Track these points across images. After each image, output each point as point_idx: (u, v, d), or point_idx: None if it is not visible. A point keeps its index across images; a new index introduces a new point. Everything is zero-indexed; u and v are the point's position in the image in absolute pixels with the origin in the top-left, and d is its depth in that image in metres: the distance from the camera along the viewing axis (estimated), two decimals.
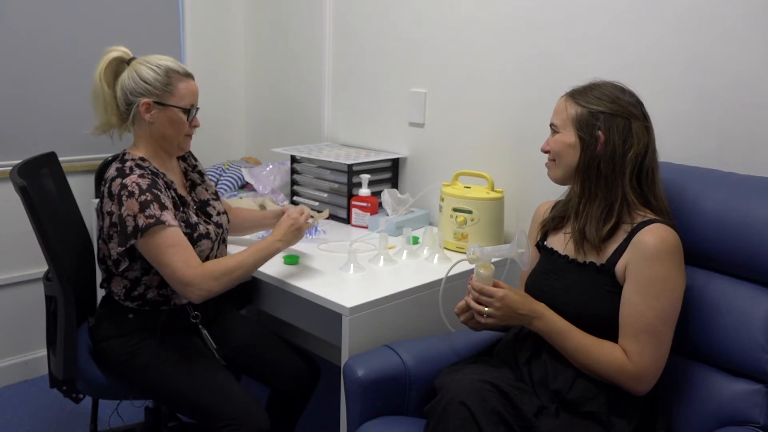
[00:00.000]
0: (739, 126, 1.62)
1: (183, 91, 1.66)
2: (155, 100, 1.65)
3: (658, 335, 1.33)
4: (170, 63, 1.67)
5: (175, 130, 1.68)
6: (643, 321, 1.32)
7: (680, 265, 1.35)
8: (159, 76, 1.64)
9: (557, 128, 1.46)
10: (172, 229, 1.56)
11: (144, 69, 1.65)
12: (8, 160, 2.35)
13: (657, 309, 1.32)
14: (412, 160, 2.44)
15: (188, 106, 1.68)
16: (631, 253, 1.36)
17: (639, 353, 1.33)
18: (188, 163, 1.85)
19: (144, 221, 1.53)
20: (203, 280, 1.57)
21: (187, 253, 1.57)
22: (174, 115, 1.67)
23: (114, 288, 1.69)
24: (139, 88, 1.64)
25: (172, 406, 1.81)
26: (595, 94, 1.41)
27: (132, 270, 1.66)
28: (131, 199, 1.54)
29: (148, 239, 1.55)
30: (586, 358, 1.36)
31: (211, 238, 1.69)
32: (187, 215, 1.67)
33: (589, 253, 1.43)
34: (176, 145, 1.71)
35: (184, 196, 1.73)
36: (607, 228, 1.39)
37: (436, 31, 2.27)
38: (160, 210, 1.55)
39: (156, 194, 1.57)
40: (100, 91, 1.68)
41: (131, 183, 1.56)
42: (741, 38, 1.59)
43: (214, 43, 2.95)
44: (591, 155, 1.40)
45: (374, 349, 1.58)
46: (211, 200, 1.82)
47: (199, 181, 1.84)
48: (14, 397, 2.53)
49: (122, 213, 1.55)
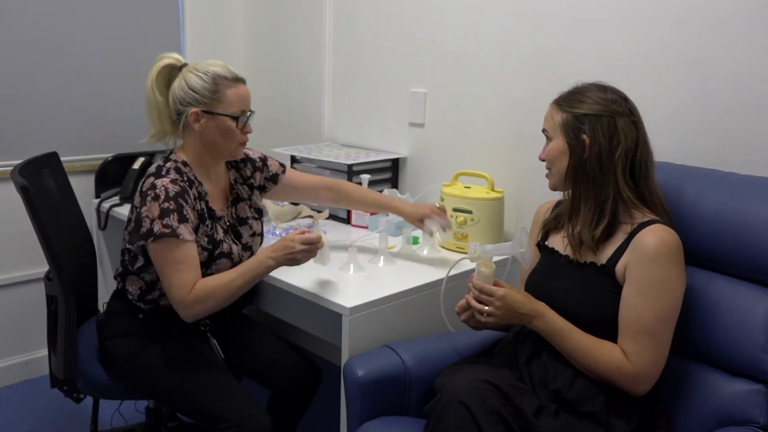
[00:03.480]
0: (739, 126, 1.62)
1: (231, 97, 1.61)
2: (203, 109, 1.60)
3: (657, 336, 1.33)
4: (218, 69, 1.62)
5: (225, 139, 1.63)
6: (642, 322, 1.32)
7: (680, 266, 1.35)
8: (206, 83, 1.60)
9: (548, 135, 1.47)
10: (184, 244, 1.54)
11: (192, 77, 1.61)
12: (9, 160, 2.35)
13: (657, 310, 1.32)
14: (412, 160, 2.44)
15: (238, 113, 1.62)
16: (631, 254, 1.36)
17: (638, 354, 1.33)
18: (241, 174, 1.79)
19: (159, 228, 1.51)
20: (190, 303, 1.54)
21: (188, 274, 1.54)
22: (223, 124, 1.61)
23: (129, 286, 1.68)
24: (188, 97, 1.60)
25: (174, 407, 1.81)
26: (577, 97, 1.42)
27: (148, 272, 1.65)
28: (155, 202, 1.53)
29: (158, 246, 1.53)
30: (585, 359, 1.36)
31: (232, 258, 1.66)
32: (213, 230, 1.64)
33: (587, 254, 1.43)
34: (228, 153, 1.68)
35: (216, 211, 1.68)
36: (601, 227, 1.39)
37: (436, 31, 2.27)
38: (178, 222, 1.53)
39: (180, 204, 1.55)
40: (153, 99, 1.64)
41: (161, 185, 1.54)
42: (741, 38, 1.59)
43: (214, 43, 2.96)
44: (578, 159, 1.40)
45: (374, 349, 1.58)
46: (249, 219, 1.77)
47: (246, 196, 1.78)
48: (14, 397, 2.53)
49: (142, 212, 1.54)
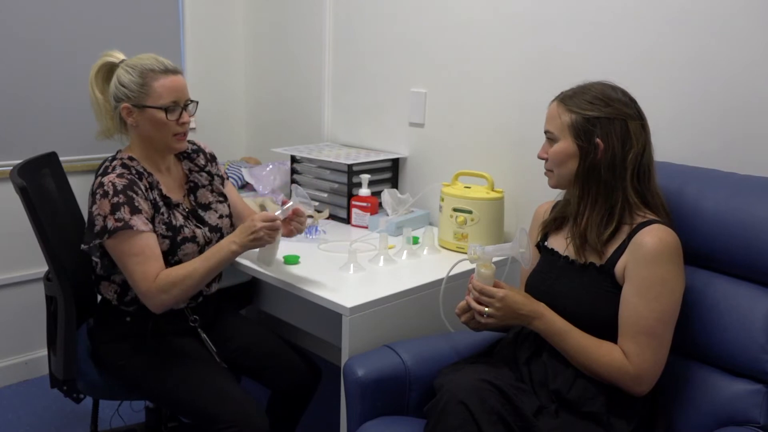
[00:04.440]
0: (740, 126, 1.62)
1: (159, 89, 1.60)
2: (133, 103, 1.61)
3: (657, 337, 1.33)
4: (147, 61, 1.62)
5: (159, 131, 1.63)
6: (642, 322, 1.32)
7: (679, 266, 1.35)
8: (134, 77, 1.61)
9: (553, 136, 1.43)
10: (139, 235, 1.54)
11: (122, 72, 1.62)
12: (9, 160, 2.35)
13: (656, 311, 1.32)
14: (412, 160, 2.44)
15: (168, 104, 1.61)
16: (631, 254, 1.35)
17: (638, 354, 1.32)
18: (195, 163, 1.81)
19: (113, 224, 1.52)
20: (155, 293, 1.54)
21: (147, 265, 1.54)
22: (153, 116, 1.61)
23: (105, 293, 1.69)
24: (119, 92, 1.62)
25: (172, 408, 1.81)
26: (586, 98, 1.39)
27: (117, 273, 1.65)
28: (104, 200, 1.54)
29: (114, 242, 1.54)
30: (585, 359, 1.36)
31: (197, 242, 1.67)
32: (171, 217, 1.65)
33: (590, 256, 1.43)
34: (165, 146, 1.67)
35: (172, 198, 1.69)
36: (608, 231, 1.39)
37: (436, 31, 2.27)
38: (130, 214, 1.53)
39: (130, 196, 1.55)
40: (93, 98, 1.67)
41: (107, 182, 1.55)
42: (740, 38, 1.59)
43: (214, 43, 2.95)
44: (591, 163, 1.38)
45: (374, 349, 1.58)
46: (214, 203, 1.79)
47: (204, 182, 1.80)
48: (14, 397, 2.53)
49: (93, 211, 1.55)
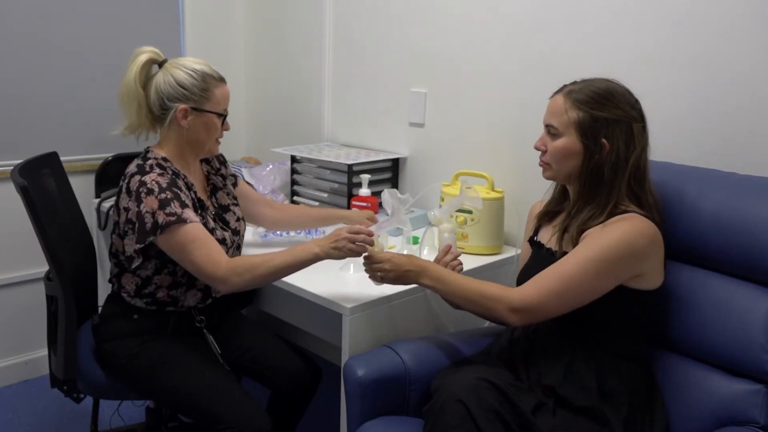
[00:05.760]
0: (739, 126, 1.62)
1: (219, 96, 1.65)
2: (192, 106, 1.63)
3: (562, 277, 1.33)
4: (206, 68, 1.65)
5: (208, 135, 1.68)
6: (558, 265, 1.34)
7: (632, 246, 1.33)
8: (197, 81, 1.62)
9: (556, 131, 1.43)
10: (193, 224, 1.54)
11: (181, 74, 1.62)
12: (9, 160, 2.35)
13: (578, 255, 1.33)
14: (412, 160, 2.44)
15: (223, 111, 1.67)
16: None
17: (532, 283, 1.34)
18: (211, 166, 1.84)
19: (164, 218, 1.52)
20: (227, 275, 1.53)
21: (209, 248, 1.55)
22: (209, 121, 1.66)
23: (124, 284, 1.68)
24: (177, 93, 1.61)
25: (173, 408, 1.81)
26: (594, 96, 1.39)
27: (145, 269, 1.65)
28: (150, 197, 1.53)
29: (168, 236, 1.53)
30: (471, 295, 1.40)
31: (226, 244, 1.67)
32: (205, 219, 1.65)
33: (566, 246, 1.43)
34: (207, 150, 1.72)
35: (204, 200, 1.71)
36: (594, 224, 1.39)
37: (436, 31, 2.27)
38: (180, 208, 1.54)
39: (176, 192, 1.56)
40: (135, 93, 1.64)
41: (150, 181, 1.55)
42: (741, 38, 1.59)
43: (214, 43, 2.95)
44: (595, 162, 1.39)
45: (374, 349, 1.58)
46: (231, 205, 1.81)
47: (221, 185, 1.82)
48: (14, 397, 2.53)
49: (141, 210, 1.54)
